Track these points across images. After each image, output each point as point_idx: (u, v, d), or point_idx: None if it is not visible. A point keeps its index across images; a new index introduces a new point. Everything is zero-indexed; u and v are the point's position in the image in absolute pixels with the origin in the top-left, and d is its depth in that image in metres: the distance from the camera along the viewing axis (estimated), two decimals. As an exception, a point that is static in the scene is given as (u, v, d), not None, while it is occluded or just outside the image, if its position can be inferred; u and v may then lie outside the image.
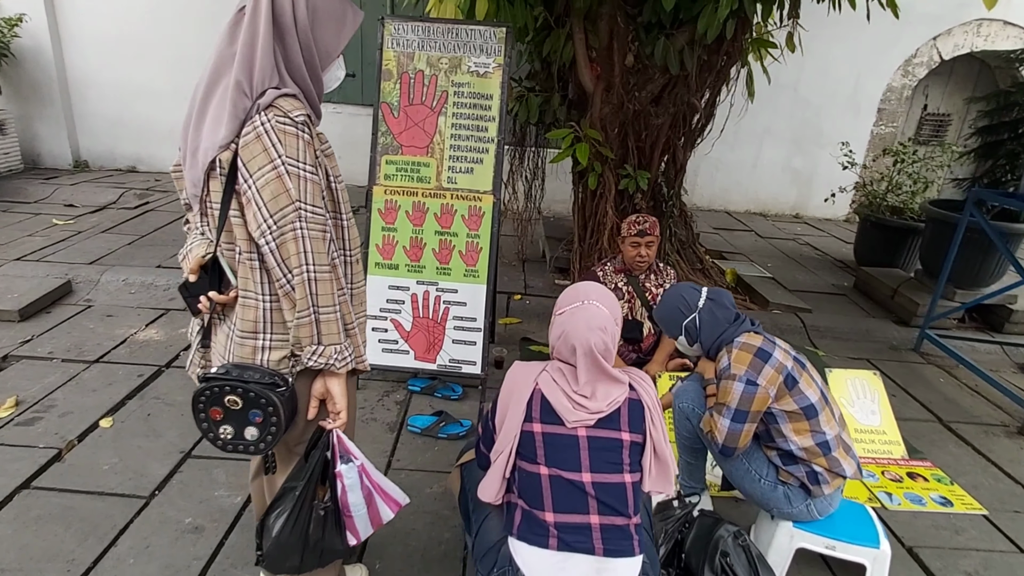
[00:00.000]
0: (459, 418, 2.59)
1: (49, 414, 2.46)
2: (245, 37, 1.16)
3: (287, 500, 1.33)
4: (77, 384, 2.69)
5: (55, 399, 2.56)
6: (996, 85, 6.08)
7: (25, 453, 2.22)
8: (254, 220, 1.15)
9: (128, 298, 3.58)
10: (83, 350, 2.97)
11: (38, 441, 2.29)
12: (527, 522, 1.34)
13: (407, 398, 2.80)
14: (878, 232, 4.53)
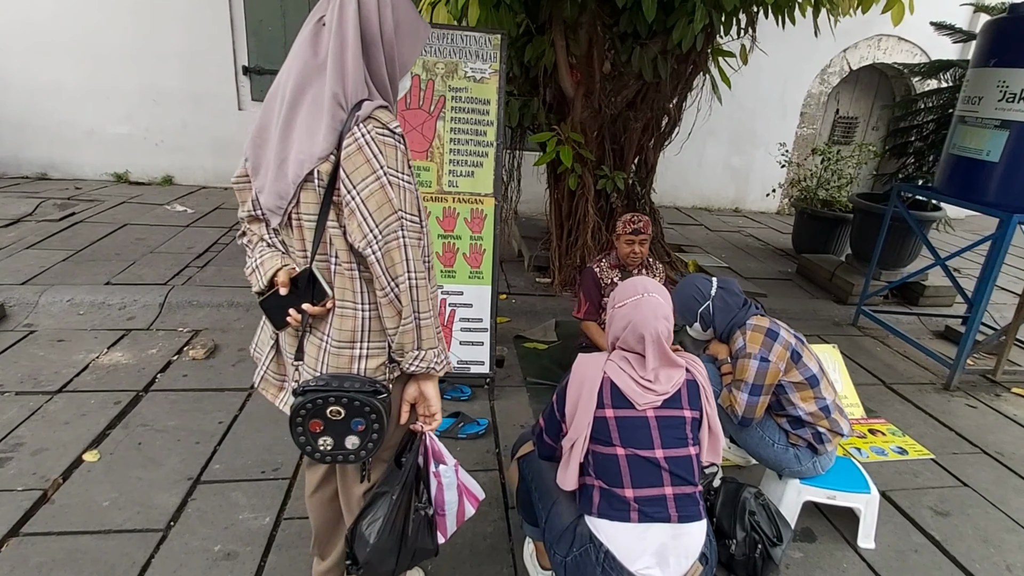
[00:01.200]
0: (475, 417, 2.60)
1: (18, 453, 2.21)
2: (334, 49, 1.15)
3: (380, 506, 1.32)
4: (44, 418, 2.42)
5: (21, 436, 2.30)
6: (892, 92, 6.85)
7: (3, 499, 1.98)
8: (359, 230, 1.14)
9: (78, 320, 3.25)
10: (39, 380, 2.67)
11: (14, 484, 2.05)
12: (606, 500, 1.41)
13: (415, 405, 2.75)
14: (812, 223, 4.99)
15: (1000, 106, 2.97)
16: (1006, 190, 3.02)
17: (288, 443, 2.34)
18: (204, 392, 2.70)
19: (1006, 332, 3.27)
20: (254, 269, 1.29)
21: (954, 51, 6.37)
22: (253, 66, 5.92)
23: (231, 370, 2.91)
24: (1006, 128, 2.96)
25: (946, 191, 3.34)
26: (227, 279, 3.80)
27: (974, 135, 3.12)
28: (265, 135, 1.22)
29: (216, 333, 3.27)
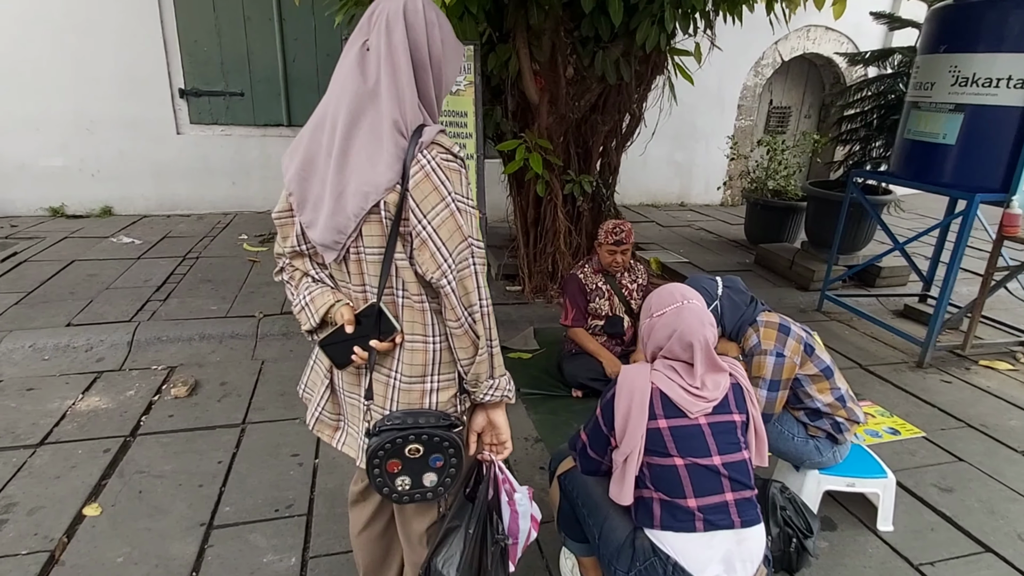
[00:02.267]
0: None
1: (13, 514, 2.07)
2: (387, 75, 1.12)
3: (454, 541, 1.30)
4: (31, 474, 2.27)
5: (11, 495, 2.15)
6: (822, 80, 7.29)
7: (10, 565, 1.85)
8: (432, 261, 1.11)
9: (44, 366, 3.05)
10: (17, 434, 2.50)
11: (17, 548, 1.92)
12: (668, 512, 1.43)
13: (417, 423, 2.74)
14: (765, 213, 5.25)
15: (953, 90, 3.22)
16: (965, 171, 3.25)
17: (295, 478, 2.31)
18: (195, 432, 2.60)
19: (972, 308, 3.54)
20: (303, 307, 1.26)
21: (878, 38, 6.86)
22: (190, 88, 5.69)
23: (218, 406, 2.80)
24: (961, 111, 3.21)
25: (904, 175, 3.59)
26: (193, 311, 3.65)
27: (929, 119, 3.37)
28: (311, 168, 1.17)
29: (193, 368, 3.14)
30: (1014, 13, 3.05)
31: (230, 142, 5.89)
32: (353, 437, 1.30)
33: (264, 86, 5.81)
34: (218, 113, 5.80)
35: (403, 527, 1.42)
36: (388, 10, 1.14)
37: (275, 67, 5.80)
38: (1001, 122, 3.15)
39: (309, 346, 3.61)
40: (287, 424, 2.68)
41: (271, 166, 6.05)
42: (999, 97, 3.13)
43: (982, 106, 3.18)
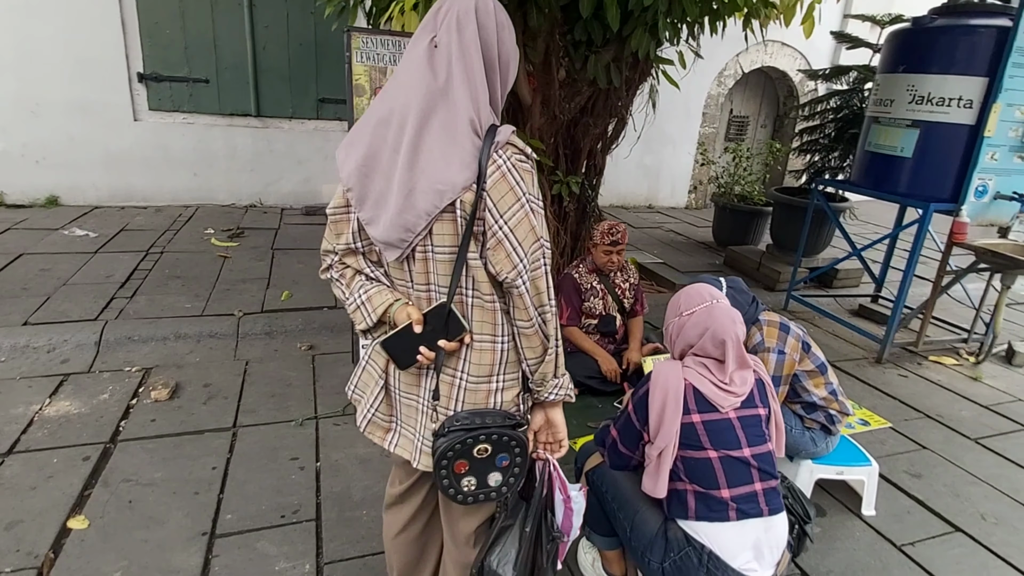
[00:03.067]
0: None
1: (-11, 530, 1.91)
2: (460, 73, 1.10)
3: (508, 540, 1.30)
4: (2, 485, 2.11)
5: (-17, 510, 1.99)
6: (776, 92, 7.66)
7: (-5, 586, 1.72)
8: (507, 261, 1.11)
9: (1, 368, 2.82)
10: (-19, 443, 2.31)
11: (0, 565, 1.78)
12: (703, 503, 1.50)
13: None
14: (732, 216, 5.48)
15: (910, 107, 3.46)
16: (920, 182, 3.51)
17: (298, 483, 2.25)
18: (182, 437, 2.48)
19: (924, 309, 3.81)
20: (358, 306, 1.23)
21: (827, 55, 7.26)
22: (150, 72, 5.39)
23: (204, 409, 2.68)
24: (917, 127, 3.46)
25: (864, 184, 3.83)
26: (166, 309, 3.47)
27: (888, 133, 3.61)
28: (374, 163, 1.15)
29: (171, 370, 2.98)
30: (962, 40, 3.31)
31: (193, 131, 5.61)
32: (407, 439, 1.28)
33: (231, 73, 5.57)
34: (180, 100, 5.51)
35: (450, 527, 1.41)
36: (458, 8, 1.13)
37: (243, 54, 5.57)
38: (952, 138, 3.42)
39: (296, 346, 3.48)
40: (282, 427, 2.60)
41: (237, 157, 5.81)
42: (950, 115, 3.39)
43: (935, 123, 3.44)
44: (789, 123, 7.49)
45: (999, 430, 3.07)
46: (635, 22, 3.16)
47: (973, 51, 3.22)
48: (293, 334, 3.45)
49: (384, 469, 2.37)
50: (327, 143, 6.13)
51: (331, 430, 2.61)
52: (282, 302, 3.75)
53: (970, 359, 3.91)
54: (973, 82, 3.24)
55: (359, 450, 2.48)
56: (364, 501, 2.19)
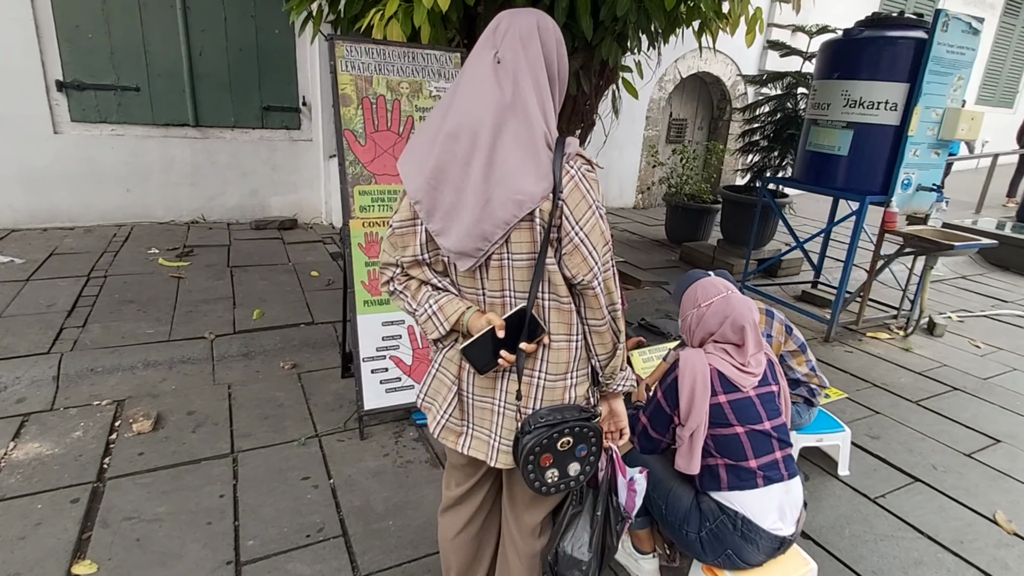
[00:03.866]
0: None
1: (-14, 588, 1.75)
2: (529, 88, 1.16)
3: (580, 525, 1.38)
4: (-12, 538, 1.92)
5: (-27, 567, 1.81)
6: (711, 96, 8.14)
7: (12, 643, 1.58)
8: (584, 264, 1.18)
9: (-48, 412, 2.55)
10: (-53, 495, 2.09)
11: (10, 623, 1.64)
12: (734, 474, 1.64)
13: (422, 433, 2.70)
14: (683, 214, 5.79)
15: (845, 110, 3.82)
16: (856, 177, 3.88)
17: (315, 501, 2.20)
18: (178, 467, 2.35)
19: (863, 291, 4.20)
20: (430, 316, 1.26)
21: (754, 61, 7.80)
22: (71, 80, 4.99)
23: (194, 438, 2.55)
24: (851, 128, 3.82)
25: (806, 181, 4.18)
26: (127, 337, 3.25)
27: (826, 134, 3.96)
28: (443, 176, 1.18)
29: (146, 400, 2.80)
30: (886, 50, 3.70)
31: (123, 143, 5.24)
32: (482, 440, 1.31)
33: (165, 81, 5.25)
34: (108, 110, 5.13)
35: (516, 521, 1.45)
36: (520, 25, 1.19)
37: (178, 60, 5.26)
38: (881, 137, 3.80)
39: (279, 366, 3.36)
40: (284, 448, 2.51)
41: (175, 170, 5.48)
42: (879, 117, 3.77)
43: (866, 124, 3.82)
44: (723, 124, 7.98)
45: (933, 392, 3.45)
46: (604, 31, 3.30)
47: (895, 60, 3.60)
48: (272, 353, 3.32)
49: (399, 480, 2.36)
50: (274, 153, 5.92)
51: (336, 447, 2.55)
52: (254, 321, 3.60)
53: (900, 333, 4.35)
54: (897, 87, 3.63)
55: (370, 464, 2.45)
56: (388, 512, 2.18)
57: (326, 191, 6.21)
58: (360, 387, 2.60)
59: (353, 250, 2.59)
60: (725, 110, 8.05)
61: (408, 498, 2.26)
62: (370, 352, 2.62)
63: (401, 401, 2.67)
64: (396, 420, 2.78)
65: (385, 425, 2.74)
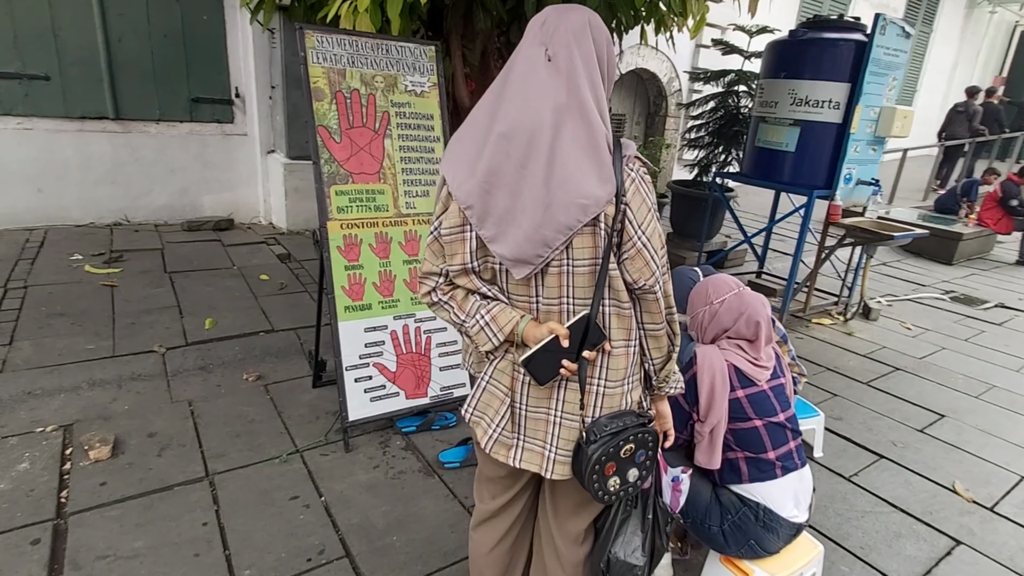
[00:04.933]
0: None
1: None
2: (586, 88, 1.12)
3: (630, 528, 1.36)
4: (-66, 597, 1.67)
5: (-81, 632, 1.57)
6: (647, 92, 8.36)
7: None
8: (647, 268, 1.16)
9: None
10: None
11: None
12: (754, 466, 1.68)
13: (409, 441, 2.61)
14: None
15: (791, 108, 4.02)
16: (803, 172, 4.09)
17: (310, 521, 2.09)
18: (151, 496, 2.14)
19: (809, 281, 4.46)
20: (482, 327, 1.21)
21: (687, 59, 8.07)
22: (-34, 68, 4.42)
23: (161, 462, 2.33)
24: (798, 125, 4.02)
25: (756, 176, 4.37)
26: (64, 354, 2.93)
27: (774, 131, 4.15)
28: (496, 180, 1.13)
29: (98, 424, 2.54)
30: (828, 51, 3.93)
31: (32, 138, 4.70)
32: (534, 452, 1.27)
33: (80, 69, 4.74)
34: (12, 101, 4.58)
35: (559, 529, 1.42)
36: (572, 23, 1.15)
37: (94, 46, 4.76)
38: (825, 134, 4.03)
39: (242, 378, 3.14)
40: (264, 467, 2.35)
41: (93, 168, 4.99)
42: (823, 115, 4.01)
43: (812, 122, 4.04)
44: (660, 120, 8.22)
45: (879, 373, 3.73)
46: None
47: (838, 61, 3.83)
48: (233, 365, 3.10)
49: (395, 492, 2.27)
50: (205, 148, 5.51)
51: (321, 462, 2.42)
52: (207, 331, 3.35)
53: (840, 319, 4.67)
54: (839, 87, 3.86)
55: (361, 477, 2.34)
56: (390, 527, 2.09)
57: (264, 189, 5.88)
58: (344, 397, 2.47)
59: (332, 254, 2.45)
60: (662, 106, 8.30)
61: (408, 510, 2.18)
62: (353, 360, 2.49)
63: (387, 409, 2.57)
64: (379, 429, 2.67)
65: (369, 435, 2.62)
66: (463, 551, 1.99)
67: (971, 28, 12.24)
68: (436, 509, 2.19)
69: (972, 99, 9.77)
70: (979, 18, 12.19)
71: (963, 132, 9.49)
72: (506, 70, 1.19)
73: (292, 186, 5.58)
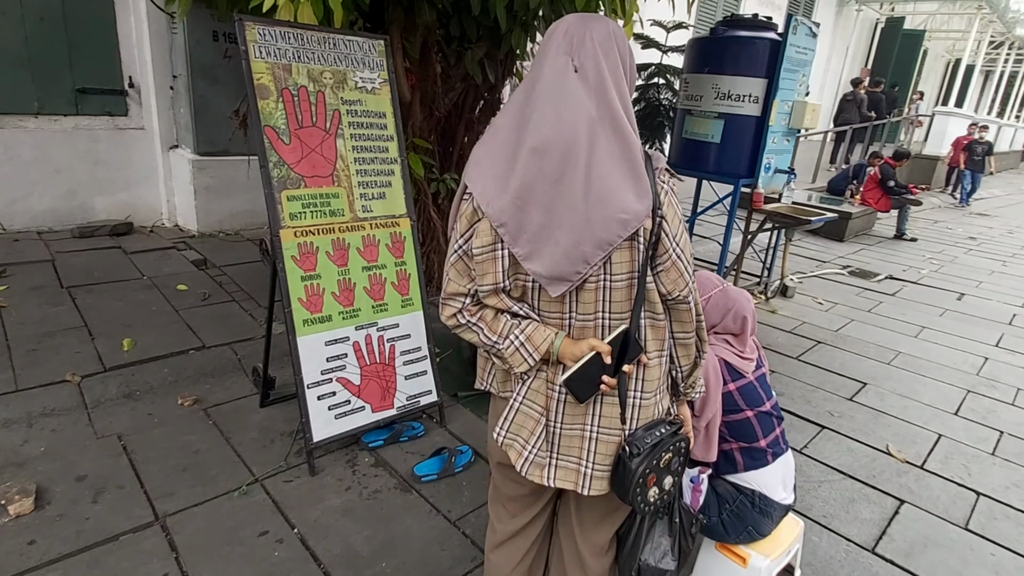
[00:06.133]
0: (453, 447, 2.52)
1: None
2: (616, 100, 1.11)
3: (657, 533, 1.38)
4: None
5: None
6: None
7: None
8: (682, 279, 1.16)
9: None
10: None
11: None
12: (748, 456, 1.76)
13: (378, 456, 2.48)
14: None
15: (715, 102, 4.21)
16: (727, 162, 4.31)
17: (286, 558, 1.97)
18: (94, 550, 1.88)
19: (737, 264, 4.73)
20: (517, 348, 1.16)
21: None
22: None
23: (98, 509, 2.06)
24: (722, 118, 4.23)
25: (684, 166, 4.55)
26: (-51, 391, 2.51)
27: (700, 123, 4.34)
28: (529, 196, 1.09)
29: (10, 471, 2.19)
30: (746, 48, 4.15)
31: None
32: (569, 469, 1.24)
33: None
34: None
35: (585, 542, 1.40)
36: (597, 33, 1.13)
37: (-50, 30, 4.08)
38: (747, 127, 4.28)
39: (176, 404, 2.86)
40: (223, 502, 2.15)
41: (-43, 171, 4.29)
42: (744, 108, 4.25)
43: (734, 114, 4.27)
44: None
45: (805, 347, 4.05)
46: (513, 21, 3.25)
47: (755, 58, 4.07)
48: (163, 390, 2.80)
49: (374, 514, 2.15)
50: (95, 145, 4.91)
51: (286, 489, 2.24)
52: (127, 354, 3.00)
53: (763, 297, 5.02)
54: (758, 82, 4.10)
55: (334, 502, 2.20)
56: (376, 553, 1.98)
57: (168, 188, 5.36)
58: (307, 417, 2.30)
59: (286, 264, 2.26)
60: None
61: (392, 532, 2.07)
62: (315, 377, 2.33)
63: (353, 425, 2.42)
64: (344, 447, 2.52)
65: (333, 455, 2.47)
66: (459, 568, 1.94)
67: (841, 24, 13.48)
68: (421, 527, 2.11)
69: (857, 89, 10.81)
70: (848, 15, 13.44)
71: (854, 118, 10.47)
72: (530, 81, 1.14)
73: (202, 184, 5.12)
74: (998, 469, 2.78)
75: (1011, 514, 2.47)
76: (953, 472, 2.72)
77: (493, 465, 1.42)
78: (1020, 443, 3.02)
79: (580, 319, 1.18)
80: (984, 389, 3.59)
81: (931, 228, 8.67)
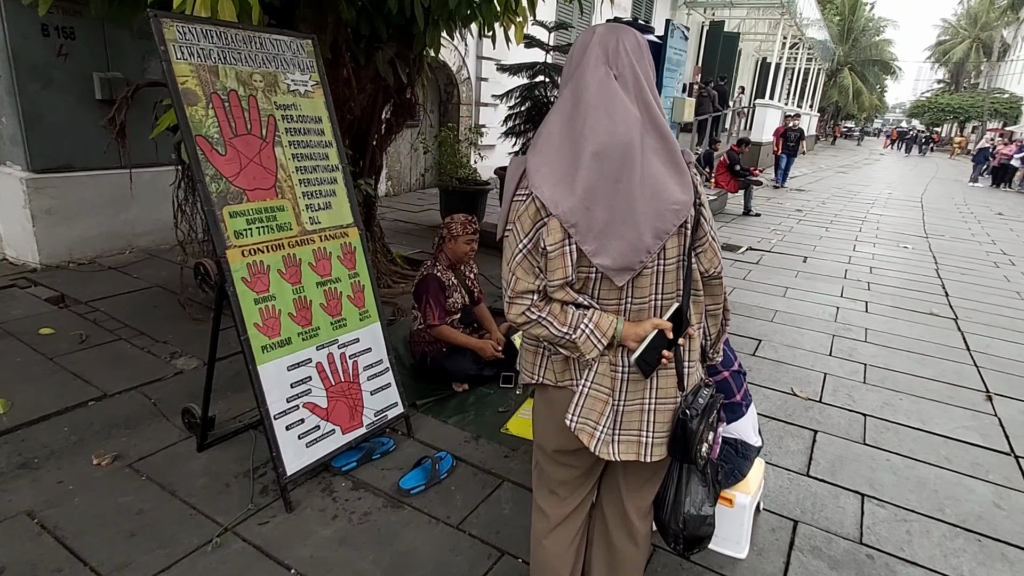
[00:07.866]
0: (433, 455, 2.47)
1: None
2: (653, 103, 1.24)
3: (693, 486, 1.52)
4: None
5: None
6: (438, 81, 8.45)
7: None
8: (716, 257, 1.32)
9: None
10: None
11: None
12: (728, 411, 1.99)
13: (355, 479, 2.35)
14: (458, 197, 6.00)
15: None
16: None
17: None
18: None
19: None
20: (588, 335, 1.25)
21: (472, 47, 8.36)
22: None
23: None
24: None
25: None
26: None
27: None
28: (594, 196, 1.19)
29: None
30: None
31: None
32: (631, 442, 1.34)
33: None
34: None
35: (632, 506, 1.50)
36: (628, 42, 1.26)
37: None
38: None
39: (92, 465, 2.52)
40: (198, 559, 1.91)
41: None
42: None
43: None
44: (454, 107, 8.42)
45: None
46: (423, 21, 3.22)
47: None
48: (68, 452, 2.39)
49: (374, 537, 2.06)
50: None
51: (264, 531, 2.05)
52: (4, 417, 2.50)
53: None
54: (641, 79, 4.49)
55: (324, 533, 2.06)
56: (389, 574, 1.90)
57: (-7, 213, 4.51)
58: (277, 450, 2.12)
59: (237, 287, 2.05)
60: (453, 94, 8.51)
61: (398, 551, 2.00)
62: (281, 406, 2.15)
63: (325, 451, 2.28)
64: (312, 476, 2.34)
65: (304, 487, 2.29)
66: (479, 568, 1.94)
67: (671, 27, 15.08)
68: (426, 539, 2.06)
69: (707, 86, 12.19)
70: (680, 18, 15.00)
71: (709, 110, 11.77)
72: (576, 90, 1.23)
73: (42, 207, 4.38)
74: (871, 394, 3.38)
75: (890, 427, 3.03)
76: (843, 402, 3.25)
77: (545, 454, 1.46)
78: (879, 371, 3.69)
79: (636, 303, 1.29)
80: (843, 332, 4.31)
81: (767, 204, 10.06)
